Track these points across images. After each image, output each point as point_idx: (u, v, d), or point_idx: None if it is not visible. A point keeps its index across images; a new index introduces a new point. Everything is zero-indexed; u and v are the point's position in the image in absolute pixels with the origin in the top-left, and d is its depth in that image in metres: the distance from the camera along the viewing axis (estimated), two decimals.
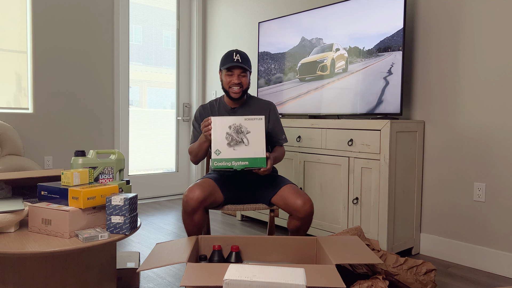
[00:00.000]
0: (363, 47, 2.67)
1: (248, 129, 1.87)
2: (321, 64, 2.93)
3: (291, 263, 1.86)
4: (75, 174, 1.67)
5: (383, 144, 2.38)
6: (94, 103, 3.74)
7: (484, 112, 2.35)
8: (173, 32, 4.39)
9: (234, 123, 1.87)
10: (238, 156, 1.84)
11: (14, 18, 3.33)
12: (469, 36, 2.41)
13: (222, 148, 1.84)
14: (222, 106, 2.20)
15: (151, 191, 4.28)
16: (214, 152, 1.84)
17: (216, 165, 1.84)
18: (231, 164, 1.83)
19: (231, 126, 1.86)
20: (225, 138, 1.85)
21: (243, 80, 2.09)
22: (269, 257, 1.88)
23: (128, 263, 2.04)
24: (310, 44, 3.01)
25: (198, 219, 1.93)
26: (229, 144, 1.85)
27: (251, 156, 1.84)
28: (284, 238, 1.88)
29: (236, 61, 2.05)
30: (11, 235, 1.54)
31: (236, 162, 1.83)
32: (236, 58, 2.06)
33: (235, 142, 1.85)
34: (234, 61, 2.05)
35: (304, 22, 3.06)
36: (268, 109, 2.21)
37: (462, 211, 2.45)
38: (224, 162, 1.83)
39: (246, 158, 1.84)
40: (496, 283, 2.17)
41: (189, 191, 1.91)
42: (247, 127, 1.86)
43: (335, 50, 2.84)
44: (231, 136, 1.85)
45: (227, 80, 2.09)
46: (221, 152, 1.83)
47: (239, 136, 1.86)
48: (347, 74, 2.75)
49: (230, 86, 2.09)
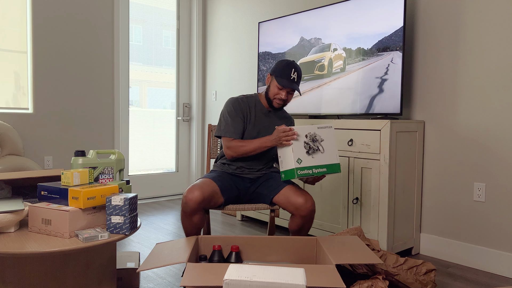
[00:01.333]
0: (362, 47, 2.67)
1: (322, 137, 1.94)
2: (318, 64, 2.93)
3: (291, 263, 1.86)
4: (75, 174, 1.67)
5: (383, 144, 2.38)
6: (94, 103, 3.74)
7: (484, 112, 2.35)
8: (173, 32, 4.39)
9: (309, 132, 1.93)
10: (317, 163, 1.91)
11: (14, 18, 3.33)
12: (469, 35, 2.41)
13: (303, 157, 1.89)
14: (259, 106, 2.19)
15: (151, 191, 4.28)
16: (296, 161, 1.89)
17: (300, 174, 1.89)
18: (312, 171, 1.89)
19: (307, 135, 1.92)
20: (304, 147, 1.91)
21: (289, 97, 2.12)
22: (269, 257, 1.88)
23: (128, 263, 2.04)
24: (309, 44, 3.01)
25: (197, 221, 1.93)
26: (307, 153, 1.91)
27: (328, 163, 1.93)
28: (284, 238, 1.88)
29: (292, 81, 2.06)
30: (11, 235, 1.54)
31: (316, 170, 1.90)
32: (293, 77, 2.07)
33: (313, 151, 1.92)
34: (290, 80, 2.06)
35: (304, 22, 3.06)
36: (290, 122, 2.26)
37: (462, 211, 2.45)
38: (306, 170, 1.89)
39: (324, 165, 1.92)
40: (496, 283, 2.17)
41: (188, 192, 1.90)
42: (320, 135, 1.94)
43: (332, 50, 2.84)
44: (308, 145, 1.91)
45: (276, 91, 2.10)
46: (302, 161, 1.89)
47: (315, 145, 1.92)
48: (345, 74, 2.75)
49: (275, 98, 2.11)
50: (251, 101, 2.19)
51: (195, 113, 4.47)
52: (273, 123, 2.19)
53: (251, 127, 2.15)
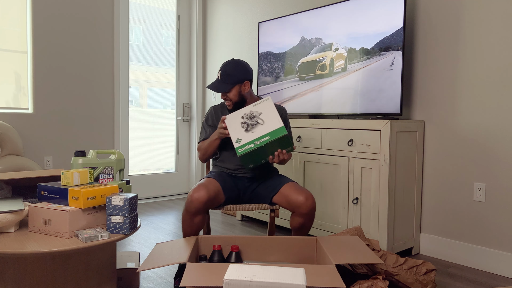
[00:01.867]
0: (362, 47, 2.67)
1: (259, 111, 1.93)
2: (320, 63, 2.93)
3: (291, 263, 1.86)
4: (75, 174, 1.67)
5: (383, 144, 2.38)
6: (94, 103, 3.74)
7: (484, 112, 2.35)
8: (173, 32, 4.39)
9: (245, 113, 1.94)
10: (258, 135, 1.89)
11: (14, 18, 3.33)
12: (469, 35, 2.41)
13: (241, 135, 1.89)
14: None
15: (151, 191, 4.28)
16: (235, 142, 1.89)
17: (241, 152, 1.87)
18: (254, 145, 1.87)
19: (244, 116, 1.93)
20: (241, 127, 1.91)
21: (229, 95, 2.13)
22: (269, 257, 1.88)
23: (128, 263, 2.04)
24: (310, 43, 3.01)
25: (198, 221, 1.93)
26: (246, 130, 1.90)
27: (270, 130, 1.89)
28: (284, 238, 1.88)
29: (213, 83, 2.12)
30: (11, 235, 1.54)
31: (258, 141, 1.88)
32: (218, 76, 2.14)
33: (251, 126, 1.91)
34: (214, 81, 2.13)
35: (304, 22, 3.06)
36: (279, 114, 2.21)
37: (462, 211, 2.45)
38: (247, 146, 1.87)
39: (266, 134, 1.88)
40: (496, 283, 2.17)
41: (194, 191, 1.90)
42: (257, 110, 1.93)
43: (334, 49, 2.84)
44: (246, 123, 1.91)
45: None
46: (242, 139, 1.88)
47: (253, 121, 1.92)
48: (347, 74, 2.75)
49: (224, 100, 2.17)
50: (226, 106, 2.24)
51: (195, 113, 4.47)
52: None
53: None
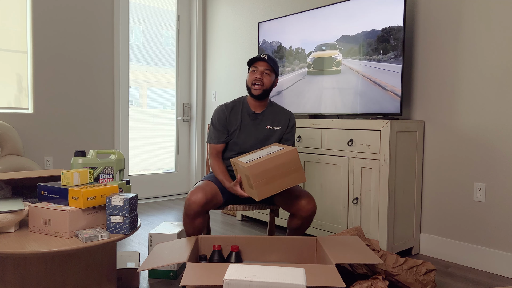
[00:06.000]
0: (362, 47, 2.67)
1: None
2: (320, 63, 2.93)
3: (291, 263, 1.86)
4: (75, 174, 1.67)
5: (383, 144, 2.38)
6: (94, 103, 3.74)
7: (484, 112, 2.35)
8: (173, 32, 4.39)
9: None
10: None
11: (14, 18, 3.33)
12: (469, 35, 2.41)
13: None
14: (246, 109, 2.17)
15: (151, 191, 4.28)
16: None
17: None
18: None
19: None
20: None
21: (265, 78, 2.08)
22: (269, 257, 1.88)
23: (128, 263, 2.04)
24: (310, 44, 3.01)
25: (198, 223, 1.93)
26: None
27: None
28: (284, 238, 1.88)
29: (262, 57, 2.08)
30: (11, 235, 1.54)
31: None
32: (263, 56, 2.08)
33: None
34: (260, 56, 2.08)
35: (304, 22, 3.06)
36: (288, 119, 2.20)
37: (462, 211, 2.45)
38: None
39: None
40: (496, 283, 2.17)
41: (192, 195, 1.90)
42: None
43: (333, 49, 2.84)
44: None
45: (251, 78, 2.10)
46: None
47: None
48: (346, 74, 2.75)
49: (253, 83, 2.09)
50: (237, 105, 2.18)
51: (195, 113, 4.47)
52: (260, 127, 2.17)
53: (238, 133, 2.15)
